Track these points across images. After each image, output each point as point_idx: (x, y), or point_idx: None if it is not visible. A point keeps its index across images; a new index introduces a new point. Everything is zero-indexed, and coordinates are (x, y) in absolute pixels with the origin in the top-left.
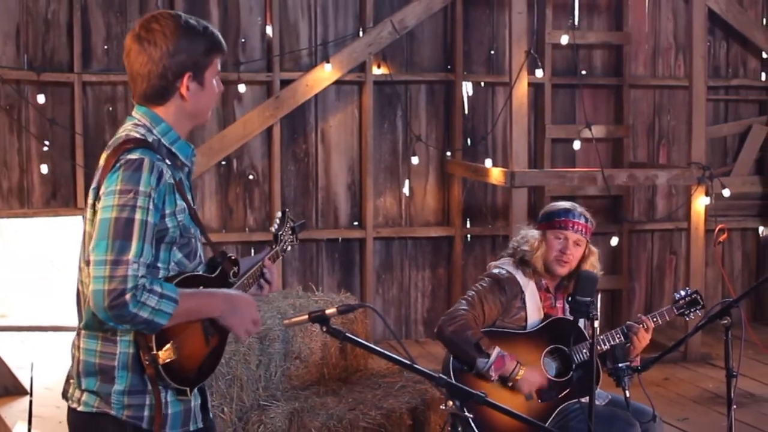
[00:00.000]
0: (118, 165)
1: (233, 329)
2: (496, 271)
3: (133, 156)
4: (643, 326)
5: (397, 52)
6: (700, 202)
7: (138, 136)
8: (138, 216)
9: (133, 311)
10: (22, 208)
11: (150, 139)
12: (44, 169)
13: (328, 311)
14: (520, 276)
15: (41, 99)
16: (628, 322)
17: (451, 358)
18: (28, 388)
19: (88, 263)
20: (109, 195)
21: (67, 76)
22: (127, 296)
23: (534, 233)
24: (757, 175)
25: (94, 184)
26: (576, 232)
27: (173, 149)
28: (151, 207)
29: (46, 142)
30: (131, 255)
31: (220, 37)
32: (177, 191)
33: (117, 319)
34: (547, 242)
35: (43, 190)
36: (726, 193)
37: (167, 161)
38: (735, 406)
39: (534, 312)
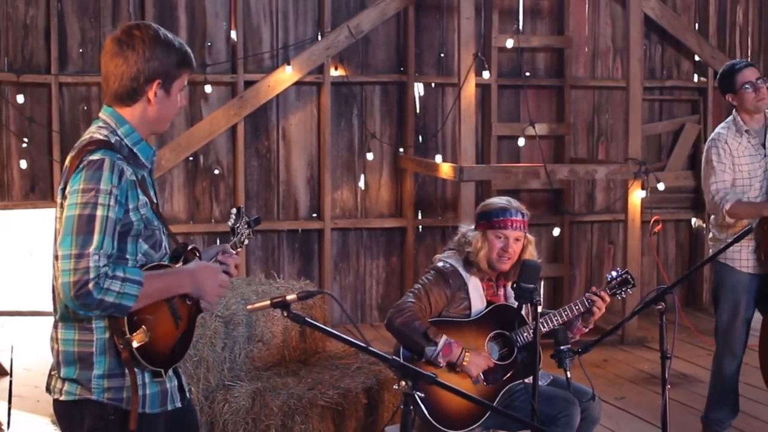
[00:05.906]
0: (81, 166)
1: (204, 298)
2: (440, 264)
3: (95, 157)
4: (601, 298)
5: (353, 55)
6: (637, 195)
7: (101, 137)
8: (99, 212)
9: (98, 298)
10: (2, 201)
11: (113, 140)
12: (23, 164)
13: (288, 297)
14: (462, 269)
15: (20, 99)
16: (586, 294)
17: (401, 348)
18: (8, 368)
19: (56, 258)
20: (73, 194)
21: (44, 78)
22: (90, 285)
23: (475, 234)
24: (690, 170)
25: (61, 185)
26: (515, 229)
27: (135, 150)
28: (112, 203)
29: (25, 139)
30: (92, 248)
31: (192, 56)
32: (139, 187)
33: (85, 307)
34: (488, 242)
35: (23, 183)
36: (661, 186)
37: (129, 160)
38: (669, 386)
39: (477, 301)
